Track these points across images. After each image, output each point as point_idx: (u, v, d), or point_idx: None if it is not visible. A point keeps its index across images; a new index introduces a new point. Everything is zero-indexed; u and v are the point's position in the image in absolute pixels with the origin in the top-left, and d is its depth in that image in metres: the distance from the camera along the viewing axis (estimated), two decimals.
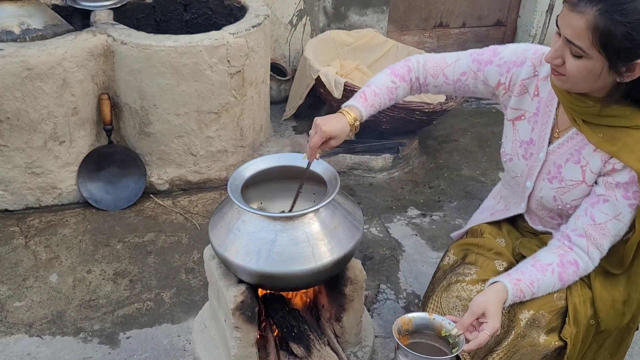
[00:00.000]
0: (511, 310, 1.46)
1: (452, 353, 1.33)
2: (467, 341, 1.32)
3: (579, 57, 1.25)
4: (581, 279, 1.47)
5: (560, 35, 1.27)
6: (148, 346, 1.97)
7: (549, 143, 1.48)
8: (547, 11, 3.35)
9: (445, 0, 3.77)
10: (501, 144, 1.62)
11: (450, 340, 1.35)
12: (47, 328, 2.02)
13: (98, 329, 2.03)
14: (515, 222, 1.70)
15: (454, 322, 1.36)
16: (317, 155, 1.49)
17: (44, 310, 2.09)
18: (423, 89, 1.67)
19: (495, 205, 1.76)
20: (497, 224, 1.70)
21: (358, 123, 1.54)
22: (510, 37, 4.05)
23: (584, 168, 1.41)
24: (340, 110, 1.54)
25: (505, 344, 1.43)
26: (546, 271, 1.41)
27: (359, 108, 1.56)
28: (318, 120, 1.48)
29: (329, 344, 1.61)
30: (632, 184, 1.34)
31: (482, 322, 1.32)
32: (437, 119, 3.13)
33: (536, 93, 1.49)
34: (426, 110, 2.89)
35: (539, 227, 1.61)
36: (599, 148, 1.36)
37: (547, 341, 1.44)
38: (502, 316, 1.44)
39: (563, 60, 1.28)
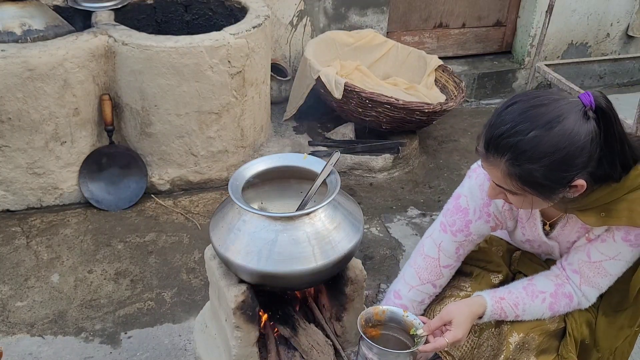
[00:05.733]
0: (501, 333, 1.44)
1: (411, 356, 1.33)
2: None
3: (515, 194, 1.23)
4: None
5: None
6: (149, 346, 1.98)
7: (552, 228, 1.45)
8: (546, 11, 3.35)
9: (445, 1, 3.77)
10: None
11: (415, 340, 1.36)
12: (49, 328, 2.03)
13: (99, 329, 2.03)
14: None
15: (424, 323, 1.37)
16: None
17: (45, 310, 2.10)
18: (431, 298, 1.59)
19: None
20: None
21: None
22: (510, 37, 4.05)
23: (587, 236, 1.39)
24: None
25: None
26: (536, 298, 1.41)
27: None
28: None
29: (314, 321, 1.62)
30: (634, 229, 1.30)
31: (448, 330, 1.32)
32: (437, 119, 3.13)
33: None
34: (426, 110, 2.90)
35: None
36: (606, 225, 1.32)
37: None
38: (492, 337, 1.44)
39: (505, 195, 1.27)
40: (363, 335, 1.33)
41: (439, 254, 1.52)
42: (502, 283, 1.55)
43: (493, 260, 1.59)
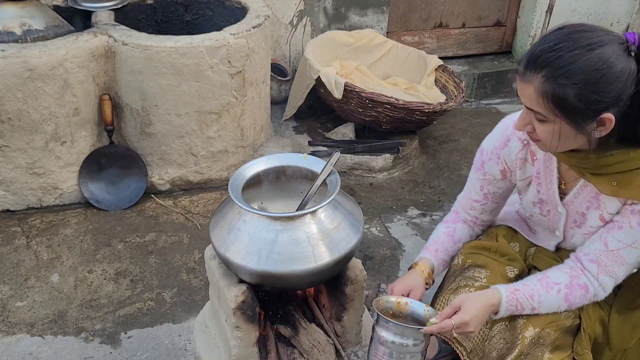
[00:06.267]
0: (516, 327, 1.44)
1: (424, 337, 1.38)
2: None
3: (543, 121, 1.25)
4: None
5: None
6: (149, 346, 1.98)
7: (564, 194, 1.47)
8: (546, 11, 3.35)
9: (445, 1, 3.77)
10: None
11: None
12: (49, 328, 2.03)
13: (99, 329, 2.03)
14: None
15: None
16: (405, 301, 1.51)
17: (45, 310, 2.10)
18: (478, 224, 1.72)
19: (516, 214, 1.76)
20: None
21: (429, 270, 1.62)
22: (510, 37, 4.05)
23: (601, 213, 1.40)
24: (410, 266, 1.66)
25: None
26: (551, 289, 1.41)
27: (426, 257, 1.65)
28: (390, 285, 1.59)
29: (313, 321, 1.62)
30: None
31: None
32: (437, 119, 3.13)
33: (534, 158, 1.48)
34: (426, 110, 2.90)
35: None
36: (616, 196, 1.34)
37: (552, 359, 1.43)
38: (506, 330, 1.44)
39: (532, 127, 1.29)
40: (379, 313, 1.37)
41: (470, 188, 1.68)
42: (517, 277, 1.56)
43: (509, 254, 1.61)
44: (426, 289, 1.62)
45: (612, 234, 1.38)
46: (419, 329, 1.35)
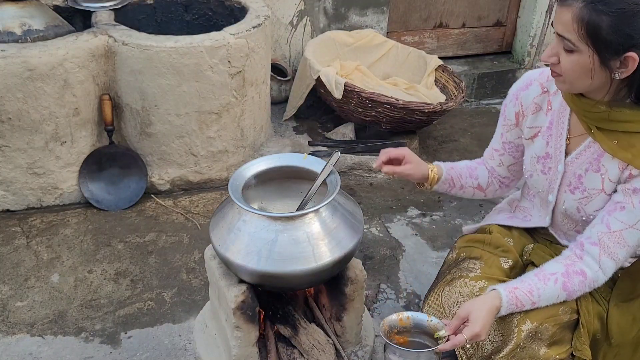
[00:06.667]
0: (513, 320, 1.45)
1: (435, 355, 1.36)
2: None
3: (571, 51, 1.28)
4: (592, 295, 1.47)
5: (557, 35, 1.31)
6: (149, 346, 1.98)
7: (566, 154, 1.49)
8: (546, 11, 3.35)
9: (445, 1, 3.77)
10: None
11: (439, 342, 1.37)
12: (49, 328, 2.03)
13: (99, 329, 2.03)
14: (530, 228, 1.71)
15: (446, 325, 1.39)
16: (385, 168, 1.59)
17: (45, 310, 2.10)
18: (495, 177, 1.75)
19: (512, 212, 1.76)
20: (507, 225, 1.71)
21: (435, 173, 1.66)
22: (510, 37, 4.05)
23: (603, 176, 1.41)
24: None
25: (504, 353, 1.42)
26: (549, 280, 1.41)
27: (440, 165, 1.69)
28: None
29: (313, 321, 1.62)
30: None
31: (466, 326, 1.34)
32: (437, 119, 3.13)
33: (549, 107, 1.51)
34: (426, 110, 2.90)
35: (565, 242, 1.61)
36: (614, 155, 1.36)
37: (548, 354, 1.43)
38: (500, 322, 1.44)
39: (558, 59, 1.31)
40: (387, 341, 1.36)
41: (494, 138, 1.71)
42: (511, 268, 1.57)
43: (503, 245, 1.62)
44: (419, 185, 1.68)
45: (614, 215, 1.39)
46: (433, 350, 1.34)
